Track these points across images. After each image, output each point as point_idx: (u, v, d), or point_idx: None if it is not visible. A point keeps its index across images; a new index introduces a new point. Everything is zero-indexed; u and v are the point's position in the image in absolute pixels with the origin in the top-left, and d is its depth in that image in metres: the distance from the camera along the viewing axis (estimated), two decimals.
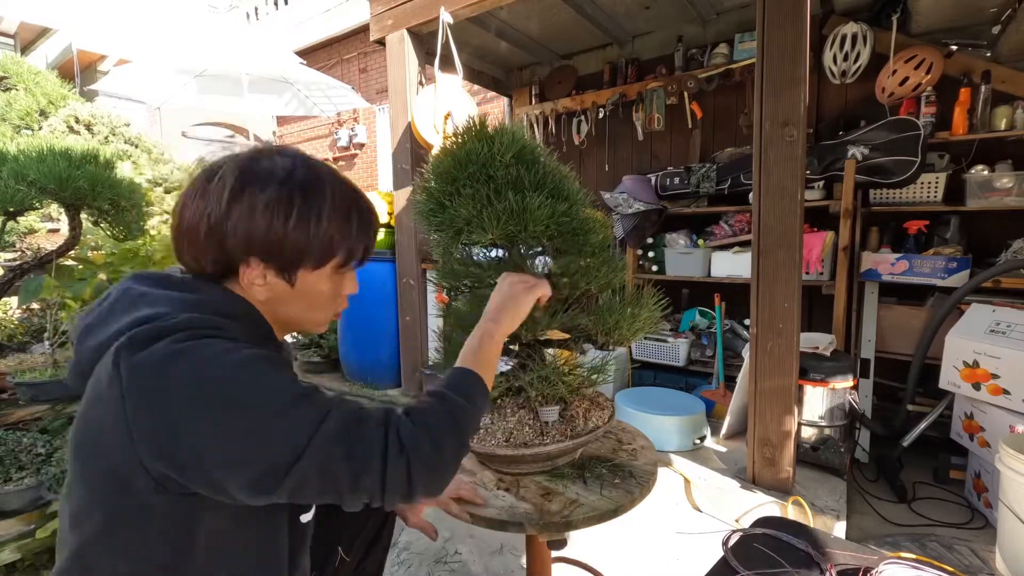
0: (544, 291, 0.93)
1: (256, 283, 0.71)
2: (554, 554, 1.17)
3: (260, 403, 0.60)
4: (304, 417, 0.60)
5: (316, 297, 0.76)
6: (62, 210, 1.91)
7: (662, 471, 2.08)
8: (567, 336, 1.05)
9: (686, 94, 3.20)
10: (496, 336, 0.85)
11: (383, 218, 3.27)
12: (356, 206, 0.76)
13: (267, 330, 0.75)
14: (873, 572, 0.91)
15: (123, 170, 2.97)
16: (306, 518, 0.79)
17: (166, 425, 0.58)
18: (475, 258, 1.12)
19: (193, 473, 0.59)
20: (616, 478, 1.05)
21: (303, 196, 0.70)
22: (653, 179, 3.18)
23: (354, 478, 0.61)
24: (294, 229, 0.69)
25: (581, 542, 1.81)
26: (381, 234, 3.31)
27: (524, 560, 1.14)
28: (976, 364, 1.88)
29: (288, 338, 1.12)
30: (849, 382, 2.07)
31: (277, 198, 0.68)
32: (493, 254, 1.10)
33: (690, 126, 3.28)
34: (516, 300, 0.89)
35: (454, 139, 1.08)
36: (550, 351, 1.12)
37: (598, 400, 1.18)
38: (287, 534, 0.73)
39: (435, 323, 3.06)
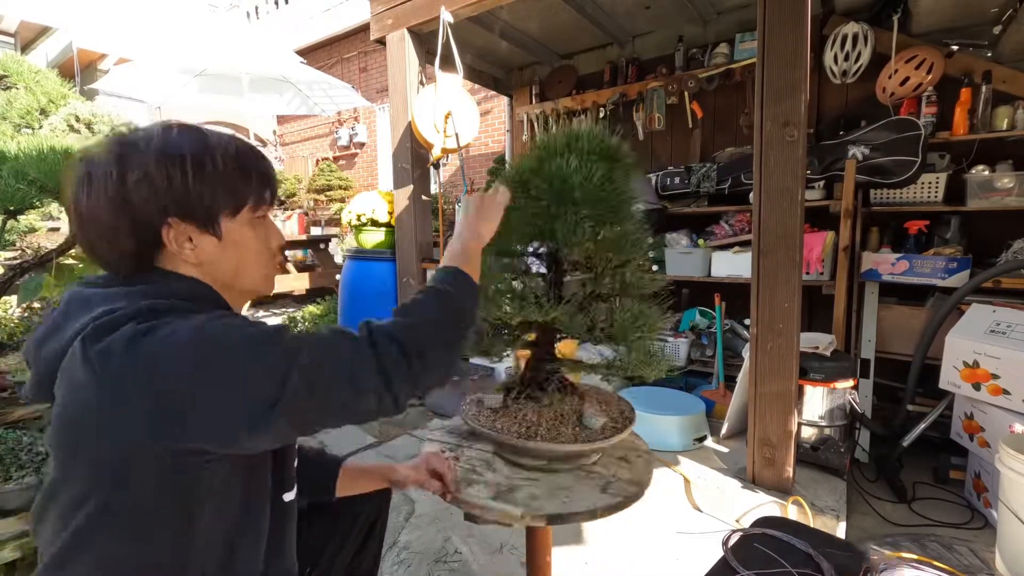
0: (507, 195, 0.99)
1: (185, 246, 0.70)
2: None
3: (237, 343, 0.61)
4: (284, 342, 0.63)
5: (247, 248, 0.76)
6: (62, 209, 1.91)
7: (662, 471, 2.09)
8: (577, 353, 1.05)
9: (686, 94, 3.20)
10: (477, 248, 0.90)
11: (383, 217, 3.27)
12: (237, 145, 0.76)
13: (226, 307, 0.75)
14: (873, 572, 0.91)
15: None
16: (288, 497, 0.79)
17: (155, 395, 0.59)
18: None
19: (196, 430, 0.60)
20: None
21: (190, 146, 0.70)
22: (653, 179, 3.18)
23: (353, 379, 0.63)
24: (195, 177, 0.69)
25: (581, 540, 1.81)
26: (381, 234, 3.33)
27: (524, 559, 1.14)
28: (976, 364, 1.88)
29: None
30: (849, 382, 2.07)
31: (164, 153, 0.68)
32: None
33: (690, 126, 3.28)
34: (492, 211, 0.95)
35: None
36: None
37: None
38: (269, 514, 0.74)
39: None
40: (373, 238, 3.35)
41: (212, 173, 0.70)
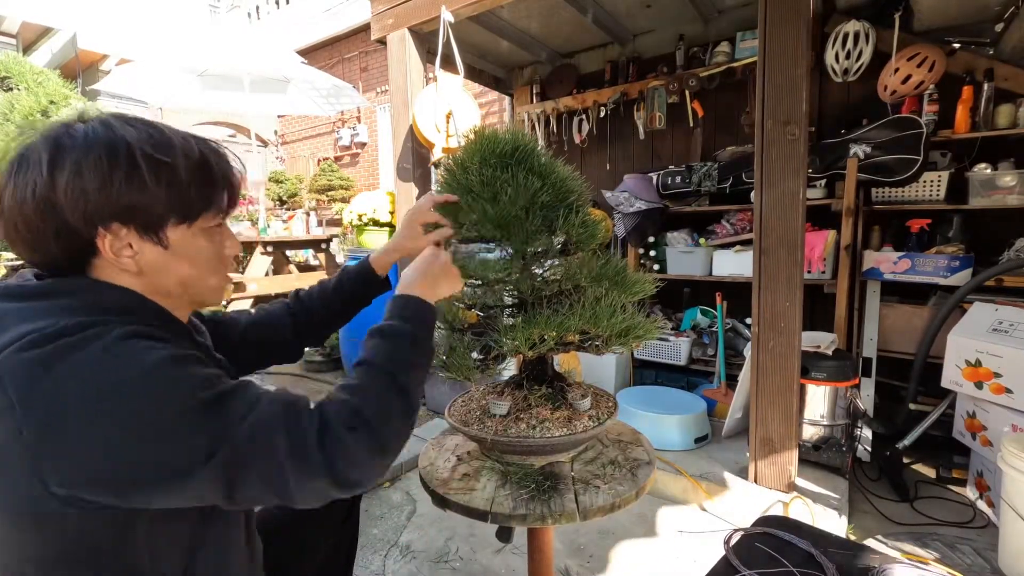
0: (458, 286, 0.94)
1: (123, 254, 0.62)
2: None
3: (175, 405, 0.55)
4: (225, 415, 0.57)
5: (198, 258, 0.68)
6: None
7: (664, 470, 2.09)
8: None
9: (687, 93, 3.20)
10: (430, 303, 0.83)
11: (385, 217, 3.27)
12: (200, 147, 0.67)
13: (166, 317, 0.68)
14: (875, 571, 0.91)
15: None
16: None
17: (70, 448, 0.53)
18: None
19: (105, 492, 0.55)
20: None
21: (139, 144, 0.61)
22: (655, 178, 3.17)
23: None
24: (142, 180, 0.60)
25: (583, 540, 1.81)
26: (383, 234, 3.33)
27: (525, 559, 1.14)
28: (978, 363, 1.88)
29: None
30: (851, 381, 2.07)
31: (108, 151, 0.59)
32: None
33: (691, 125, 3.27)
34: (447, 280, 0.90)
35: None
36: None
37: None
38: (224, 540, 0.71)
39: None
40: (375, 238, 3.35)
41: (166, 178, 0.62)
